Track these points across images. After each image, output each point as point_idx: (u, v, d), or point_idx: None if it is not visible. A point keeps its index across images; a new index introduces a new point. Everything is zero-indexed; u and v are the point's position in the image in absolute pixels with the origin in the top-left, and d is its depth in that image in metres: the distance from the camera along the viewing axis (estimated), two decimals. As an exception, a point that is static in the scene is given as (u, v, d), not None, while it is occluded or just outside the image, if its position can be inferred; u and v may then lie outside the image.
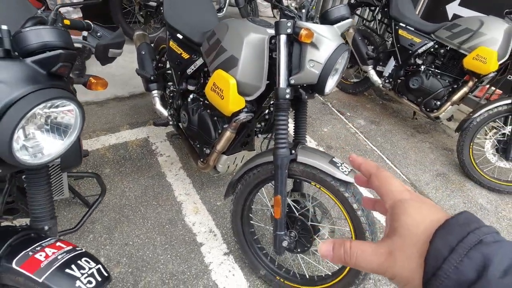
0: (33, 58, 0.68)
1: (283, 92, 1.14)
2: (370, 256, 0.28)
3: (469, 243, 0.23)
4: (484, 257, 0.22)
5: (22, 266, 0.76)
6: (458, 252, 0.23)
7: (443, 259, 0.23)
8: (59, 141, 0.78)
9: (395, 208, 0.29)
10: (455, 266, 0.23)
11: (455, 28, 2.33)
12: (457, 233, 0.24)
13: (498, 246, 0.23)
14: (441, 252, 0.24)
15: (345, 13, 1.17)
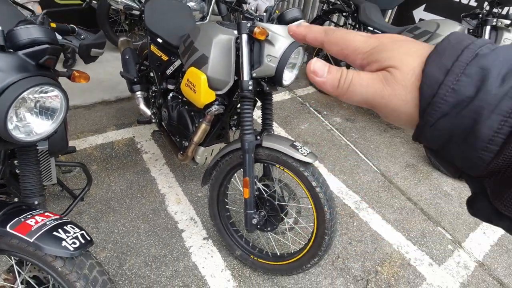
0: (24, 51, 0.82)
1: (247, 84, 1.30)
2: (367, 81, 0.25)
3: (465, 60, 0.21)
4: (482, 69, 0.20)
5: (15, 230, 0.89)
6: (454, 72, 0.21)
7: (438, 84, 0.21)
8: (47, 122, 0.91)
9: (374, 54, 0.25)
10: (452, 88, 0.21)
11: (416, 31, 2.55)
12: (451, 53, 0.22)
13: (495, 54, 0.21)
14: (436, 77, 0.22)
15: (297, 15, 1.35)
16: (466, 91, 0.20)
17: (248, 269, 1.64)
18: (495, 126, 0.20)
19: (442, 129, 0.22)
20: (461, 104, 0.20)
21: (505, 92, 0.19)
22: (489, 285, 1.75)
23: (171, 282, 1.54)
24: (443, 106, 0.21)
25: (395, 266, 1.77)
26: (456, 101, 0.21)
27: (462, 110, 0.20)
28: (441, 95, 0.21)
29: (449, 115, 0.21)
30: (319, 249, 1.40)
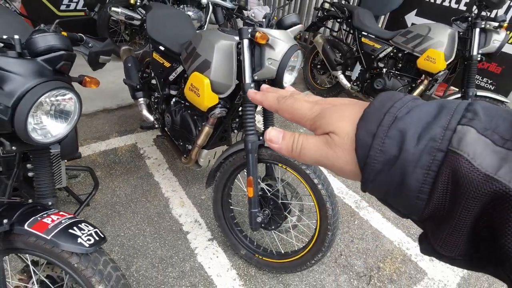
0: (42, 57, 0.87)
1: (249, 86, 1.36)
2: (314, 145, 0.28)
3: (387, 124, 0.24)
4: (400, 132, 0.23)
5: (33, 228, 0.93)
6: (379, 136, 0.24)
7: (369, 147, 0.24)
8: (62, 125, 0.96)
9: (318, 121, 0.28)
10: (380, 149, 0.23)
11: (408, 34, 2.64)
12: (375, 118, 0.24)
13: (411, 116, 0.23)
14: (366, 141, 0.24)
15: (295, 20, 1.42)
16: (391, 151, 0.23)
17: (253, 268, 1.67)
18: (420, 178, 0.22)
19: (381, 183, 0.24)
20: (389, 163, 0.23)
21: (422, 149, 0.22)
22: (488, 278, 1.79)
23: (178, 282, 1.57)
24: (376, 165, 0.24)
25: (396, 262, 1.81)
26: (385, 160, 0.23)
27: (391, 167, 0.23)
28: (372, 156, 0.24)
29: (383, 171, 0.24)
30: (322, 245, 1.44)
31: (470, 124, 0.21)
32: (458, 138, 0.21)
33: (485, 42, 2.36)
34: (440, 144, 0.21)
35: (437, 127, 0.22)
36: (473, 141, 0.21)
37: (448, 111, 0.22)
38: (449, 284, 1.73)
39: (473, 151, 0.20)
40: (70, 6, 3.68)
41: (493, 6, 2.23)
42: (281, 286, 1.60)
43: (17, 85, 0.82)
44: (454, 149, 0.21)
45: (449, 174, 0.21)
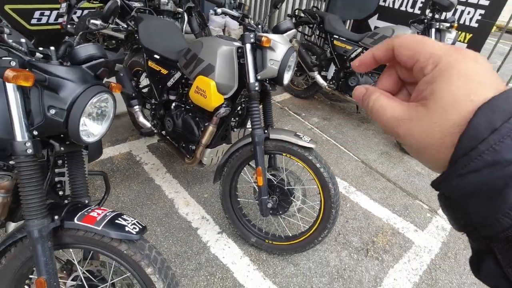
0: (87, 64, 0.97)
1: (253, 85, 1.51)
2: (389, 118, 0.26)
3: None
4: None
5: (83, 221, 1.00)
6: (500, 132, 0.20)
7: (481, 140, 0.21)
8: (99, 126, 1.05)
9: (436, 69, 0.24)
10: (493, 147, 0.20)
11: (375, 36, 2.95)
12: (503, 112, 0.21)
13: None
14: (481, 132, 0.21)
15: (290, 25, 1.61)
16: (506, 154, 0.20)
17: (264, 253, 1.81)
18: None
19: (469, 183, 0.21)
20: (497, 165, 0.20)
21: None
22: (464, 241, 2.08)
23: (197, 273, 1.66)
24: (479, 162, 0.21)
25: (387, 235, 2.04)
26: (494, 160, 0.20)
27: (497, 171, 0.20)
28: (480, 151, 0.21)
29: (481, 172, 0.21)
30: (327, 222, 1.62)
31: None
32: None
33: (440, 40, 2.72)
34: None
35: None
36: None
37: None
38: (433, 249, 1.98)
39: None
40: (42, 20, 3.61)
41: (445, 10, 2.59)
42: (291, 266, 1.76)
43: (70, 90, 0.91)
44: None
45: None
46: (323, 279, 1.71)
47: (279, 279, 1.69)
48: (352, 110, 3.73)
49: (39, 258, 0.95)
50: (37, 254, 0.95)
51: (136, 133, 2.74)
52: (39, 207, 0.94)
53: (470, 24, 3.12)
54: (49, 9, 3.49)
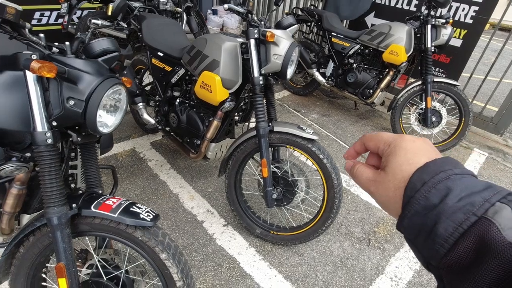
0: (102, 58, 1.01)
1: (258, 79, 1.56)
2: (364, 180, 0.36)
3: (438, 179, 0.28)
4: (447, 188, 0.27)
5: (99, 209, 1.04)
6: (428, 185, 0.28)
7: (416, 191, 0.29)
8: (112, 117, 1.09)
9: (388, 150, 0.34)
10: (425, 195, 0.28)
11: (372, 33, 3.00)
12: (431, 171, 0.29)
13: (462, 180, 0.28)
14: (416, 185, 0.29)
15: (292, 21, 1.65)
16: (433, 200, 0.28)
17: (269, 244, 1.86)
18: (449, 230, 0.26)
19: (415, 223, 0.29)
20: (428, 208, 0.28)
21: (459, 207, 0.26)
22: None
23: (204, 264, 1.70)
24: (417, 206, 0.29)
25: (388, 225, 2.09)
26: (426, 205, 0.28)
27: (429, 212, 0.27)
28: (416, 198, 0.29)
29: (420, 213, 0.28)
30: (331, 212, 1.66)
31: (508, 204, 0.25)
32: (494, 211, 0.25)
33: (436, 36, 2.79)
34: (476, 210, 0.26)
35: (479, 197, 0.26)
36: (506, 216, 0.24)
37: (493, 190, 0.27)
38: (432, 238, 2.04)
39: (504, 223, 0.24)
40: (42, 21, 3.64)
41: (440, 6, 2.65)
42: (296, 256, 1.81)
43: (88, 82, 0.95)
44: (488, 217, 0.25)
45: (478, 235, 0.25)
46: (327, 268, 1.76)
47: (285, 268, 1.73)
48: (350, 107, 3.79)
49: (58, 244, 0.99)
50: (56, 240, 0.99)
51: (139, 131, 2.77)
52: (59, 195, 0.98)
53: (465, 20, 3.19)
54: (49, 10, 3.52)
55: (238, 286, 1.62)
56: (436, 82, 2.79)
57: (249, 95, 1.88)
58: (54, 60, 0.92)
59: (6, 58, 1.02)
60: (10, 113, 0.99)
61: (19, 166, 1.06)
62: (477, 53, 3.71)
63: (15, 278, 1.13)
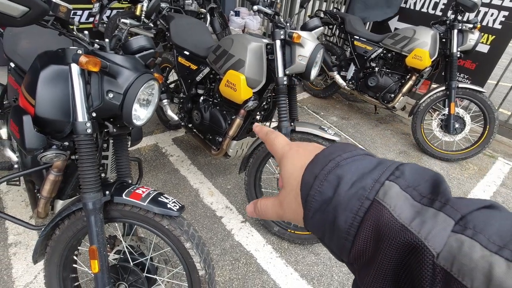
0: (139, 54, 1.07)
1: (282, 79, 1.60)
2: (270, 210, 0.33)
3: (328, 169, 0.27)
4: (338, 177, 0.26)
5: (130, 197, 1.10)
6: (319, 178, 0.27)
7: (310, 187, 0.27)
8: (145, 111, 1.15)
9: (279, 165, 0.33)
10: (318, 190, 0.27)
11: (396, 37, 2.98)
12: (321, 163, 0.28)
13: (349, 165, 0.27)
14: (308, 181, 0.27)
15: (318, 23, 1.68)
16: (327, 192, 0.26)
17: (286, 242, 1.88)
18: (348, 221, 0.25)
19: (318, 221, 0.27)
20: (325, 203, 0.26)
21: (352, 194, 0.25)
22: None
23: (222, 258, 1.75)
24: (315, 203, 0.27)
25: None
26: (322, 200, 0.26)
27: (327, 207, 0.26)
28: (312, 195, 0.27)
29: (320, 210, 0.26)
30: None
31: (395, 181, 0.25)
32: (384, 191, 0.24)
33: (463, 41, 2.74)
34: (368, 193, 0.25)
35: (369, 179, 0.25)
36: (395, 195, 0.24)
37: (382, 168, 0.26)
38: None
39: (394, 203, 0.23)
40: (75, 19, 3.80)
41: (468, 10, 2.60)
42: (312, 255, 1.82)
43: (126, 77, 1.01)
44: (379, 200, 0.24)
45: (373, 221, 0.24)
46: (343, 269, 1.76)
47: (301, 267, 1.75)
48: (370, 111, 3.76)
49: (92, 228, 1.06)
50: (90, 224, 1.06)
51: (161, 127, 2.86)
52: (95, 181, 1.05)
53: (494, 26, 3.11)
54: (82, 9, 3.67)
55: (255, 281, 1.65)
56: (460, 88, 2.74)
57: (272, 95, 1.92)
58: (97, 55, 0.99)
59: (51, 53, 1.10)
60: (53, 103, 1.06)
61: (58, 154, 1.13)
62: (505, 60, 3.61)
63: (50, 258, 1.20)
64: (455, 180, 2.70)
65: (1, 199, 1.91)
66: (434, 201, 0.23)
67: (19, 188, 1.99)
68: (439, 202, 0.23)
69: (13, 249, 1.64)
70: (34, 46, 1.56)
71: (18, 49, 1.52)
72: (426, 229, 0.22)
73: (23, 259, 1.60)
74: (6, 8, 0.73)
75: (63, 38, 1.45)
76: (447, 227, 0.21)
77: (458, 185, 2.64)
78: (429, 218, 0.22)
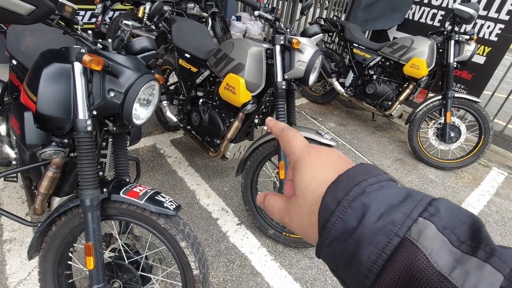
0: (141, 55, 1.10)
1: (280, 84, 1.62)
2: (277, 212, 0.31)
3: (353, 195, 0.24)
4: (364, 205, 0.24)
5: (127, 195, 1.12)
6: (343, 204, 0.24)
7: (331, 212, 0.25)
8: (145, 110, 1.17)
9: (294, 169, 0.30)
10: (340, 217, 0.24)
11: (394, 46, 3.03)
12: (345, 187, 0.25)
13: (377, 194, 0.24)
14: (330, 206, 0.25)
15: (317, 30, 1.71)
16: (351, 222, 0.24)
17: (281, 245, 1.89)
18: (372, 256, 0.22)
19: (335, 251, 0.24)
20: (347, 232, 0.24)
21: (379, 228, 0.22)
22: (476, 248, 2.11)
23: (217, 259, 1.76)
24: (334, 231, 0.24)
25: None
26: (344, 229, 0.24)
27: (348, 237, 0.24)
28: (332, 222, 0.24)
29: (339, 239, 0.24)
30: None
31: (431, 219, 0.22)
32: (417, 230, 0.22)
33: (459, 52, 2.78)
34: (398, 229, 0.22)
35: (399, 212, 0.23)
36: (432, 236, 0.21)
37: (413, 201, 0.24)
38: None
39: (431, 247, 0.21)
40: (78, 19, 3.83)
41: (465, 22, 2.65)
42: (306, 259, 1.83)
43: (127, 76, 1.03)
44: (412, 240, 0.22)
45: (404, 264, 0.21)
46: (336, 273, 1.77)
47: (295, 270, 1.76)
48: (367, 118, 3.79)
49: (88, 225, 1.07)
50: (87, 221, 1.07)
51: (160, 128, 2.88)
52: (93, 179, 1.06)
53: (490, 38, 3.17)
54: (85, 10, 3.71)
55: (249, 283, 1.66)
56: (456, 98, 2.78)
57: (271, 99, 1.94)
58: (100, 55, 1.01)
59: (54, 51, 1.12)
60: (55, 101, 1.08)
61: (57, 151, 1.15)
62: (501, 72, 3.67)
63: (45, 254, 1.21)
64: (450, 188, 2.72)
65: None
66: (477, 249, 0.21)
67: (16, 185, 1.99)
68: (484, 251, 0.20)
69: (7, 246, 1.64)
70: (37, 44, 1.59)
71: (21, 46, 1.54)
72: (471, 283, 0.19)
73: (17, 255, 1.60)
74: (14, 6, 0.75)
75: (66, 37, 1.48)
76: (495, 283, 0.19)
77: (453, 193, 2.66)
78: (473, 270, 0.20)
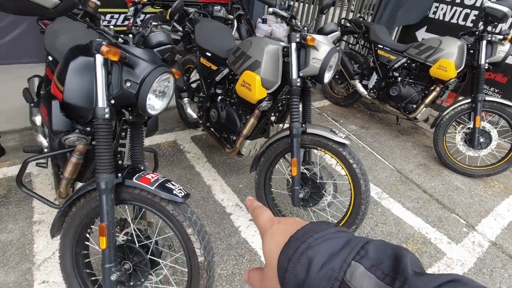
0: (157, 49, 1.16)
1: (295, 81, 1.63)
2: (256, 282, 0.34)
3: (300, 252, 0.28)
4: (309, 259, 0.27)
5: (140, 181, 1.18)
6: (292, 261, 0.28)
7: (284, 270, 0.28)
8: (160, 102, 1.23)
9: (262, 240, 0.34)
10: (292, 273, 0.27)
11: (421, 47, 2.92)
12: (294, 246, 0.29)
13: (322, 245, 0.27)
14: (283, 265, 0.28)
15: (334, 28, 1.71)
16: (300, 275, 0.27)
17: (291, 243, 1.89)
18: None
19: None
20: (299, 285, 0.27)
21: (322, 276, 0.25)
22: (502, 260, 1.98)
23: (227, 252, 1.79)
24: (290, 286, 0.27)
25: (418, 243, 2.01)
26: (296, 283, 0.27)
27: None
28: (287, 278, 0.28)
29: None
30: (356, 218, 1.66)
31: (360, 261, 0.25)
32: (350, 272, 0.25)
33: (492, 53, 2.64)
34: (337, 274, 0.25)
35: (337, 259, 0.26)
36: (360, 276, 0.25)
37: (349, 247, 0.27)
38: (467, 263, 1.92)
39: (360, 285, 0.24)
40: (111, 22, 4.07)
41: (498, 21, 2.51)
42: (317, 259, 1.81)
43: (143, 68, 1.10)
44: (347, 281, 0.25)
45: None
46: (347, 275, 1.74)
47: (304, 268, 1.75)
48: (391, 121, 3.68)
49: (103, 207, 1.14)
50: (102, 203, 1.14)
51: (181, 125, 2.98)
52: (109, 163, 1.13)
53: (528, 38, 2.97)
54: (118, 13, 3.93)
55: (257, 278, 1.67)
56: (487, 101, 2.63)
57: (287, 97, 1.95)
58: (119, 47, 1.08)
59: (81, 46, 1.21)
60: (80, 91, 1.17)
61: (80, 137, 1.24)
62: (542, 75, 3.41)
63: (65, 233, 1.30)
64: (477, 196, 2.57)
65: (32, 181, 2.07)
66: (395, 280, 0.24)
67: (47, 172, 2.15)
68: (399, 281, 0.23)
69: (37, 227, 1.78)
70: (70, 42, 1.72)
71: (56, 44, 1.68)
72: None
73: (44, 236, 1.72)
74: (41, 0, 0.83)
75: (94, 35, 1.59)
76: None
77: (480, 202, 2.52)
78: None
